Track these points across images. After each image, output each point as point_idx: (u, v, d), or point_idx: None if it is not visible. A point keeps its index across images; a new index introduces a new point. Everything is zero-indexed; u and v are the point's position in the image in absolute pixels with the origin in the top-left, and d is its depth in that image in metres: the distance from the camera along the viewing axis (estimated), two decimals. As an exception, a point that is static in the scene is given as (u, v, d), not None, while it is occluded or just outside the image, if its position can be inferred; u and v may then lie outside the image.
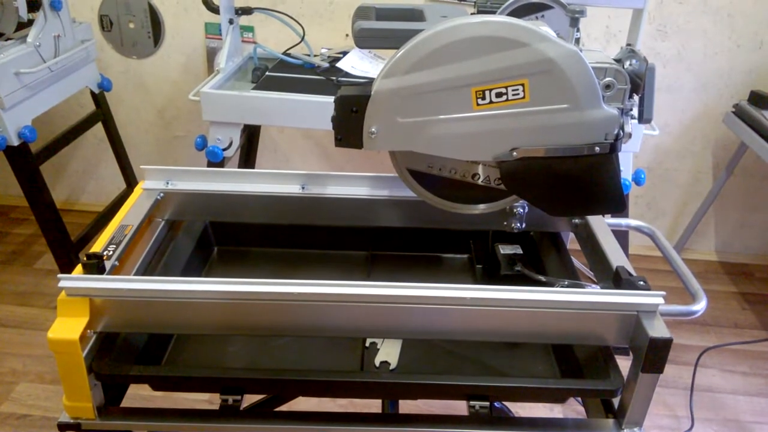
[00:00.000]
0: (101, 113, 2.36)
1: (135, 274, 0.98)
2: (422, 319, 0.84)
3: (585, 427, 0.89)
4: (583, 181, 0.89)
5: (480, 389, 0.88)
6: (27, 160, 1.95)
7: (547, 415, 1.80)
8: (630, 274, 0.91)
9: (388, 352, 1.01)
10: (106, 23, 2.38)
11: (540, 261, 1.17)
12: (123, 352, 0.90)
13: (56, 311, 0.83)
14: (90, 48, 2.21)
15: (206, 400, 1.74)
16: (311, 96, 1.76)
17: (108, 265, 0.91)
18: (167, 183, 1.11)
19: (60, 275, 0.83)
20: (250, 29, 2.34)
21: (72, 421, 0.87)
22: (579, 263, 1.15)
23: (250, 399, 1.02)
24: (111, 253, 0.94)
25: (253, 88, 1.83)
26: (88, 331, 0.84)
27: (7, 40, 1.91)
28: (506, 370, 1.00)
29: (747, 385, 2.02)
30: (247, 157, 2.39)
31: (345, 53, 2.05)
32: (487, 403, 0.89)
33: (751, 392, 2.00)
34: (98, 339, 0.87)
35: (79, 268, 0.88)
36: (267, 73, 1.96)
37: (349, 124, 0.88)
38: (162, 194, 1.10)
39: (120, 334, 0.90)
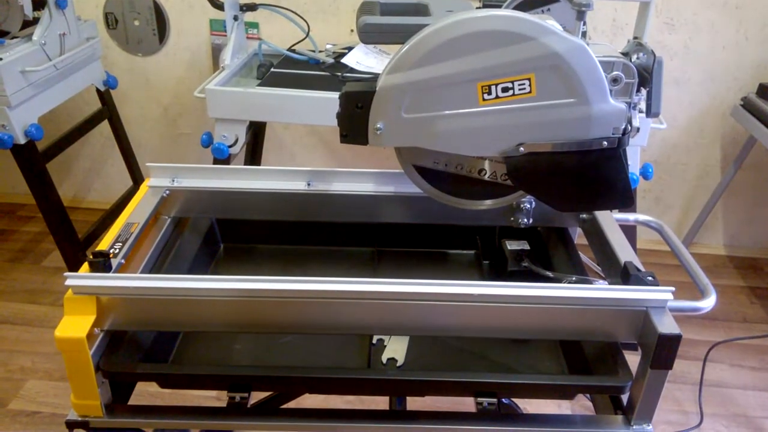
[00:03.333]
0: (107, 111, 2.37)
1: (141, 272, 0.98)
2: (429, 316, 0.84)
3: (593, 424, 0.88)
4: (590, 176, 0.88)
5: (487, 386, 0.88)
6: (34, 158, 1.96)
7: (555, 411, 1.80)
8: (638, 270, 0.90)
9: (395, 349, 1.00)
10: (111, 21, 2.39)
11: (547, 257, 1.16)
12: (130, 350, 0.90)
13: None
14: (95, 46, 2.21)
15: (214, 397, 1.75)
16: (316, 92, 1.76)
17: (114, 263, 0.91)
18: (173, 180, 1.11)
19: (66, 273, 0.83)
20: (255, 25, 2.34)
21: (80, 419, 0.87)
22: (587, 258, 1.15)
23: (257, 396, 1.02)
24: (117, 251, 0.94)
25: (259, 85, 1.83)
26: (95, 329, 0.84)
27: (12, 38, 1.91)
28: (514, 367, 1.00)
29: (756, 380, 2.01)
30: (253, 153, 2.39)
31: (350, 49, 2.05)
32: (494, 400, 0.89)
33: (760, 387, 1.99)
34: (105, 337, 0.87)
35: (85, 266, 0.88)
36: (272, 69, 1.96)
37: (355, 121, 0.88)
38: (168, 192, 1.10)
39: (127, 332, 0.90)
